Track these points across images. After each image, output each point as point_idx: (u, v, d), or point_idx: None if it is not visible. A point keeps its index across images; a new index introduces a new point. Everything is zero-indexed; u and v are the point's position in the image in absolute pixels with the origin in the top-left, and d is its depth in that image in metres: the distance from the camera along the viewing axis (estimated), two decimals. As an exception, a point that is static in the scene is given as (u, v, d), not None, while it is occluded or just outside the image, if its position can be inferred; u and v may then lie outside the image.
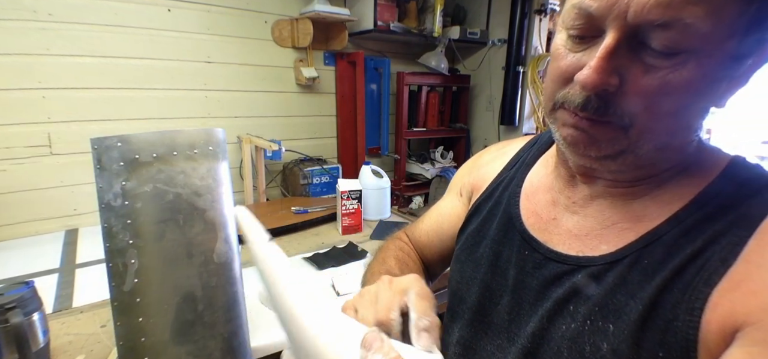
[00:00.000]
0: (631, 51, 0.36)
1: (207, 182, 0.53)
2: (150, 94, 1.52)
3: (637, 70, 0.36)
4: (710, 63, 0.34)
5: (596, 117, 0.39)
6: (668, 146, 0.41)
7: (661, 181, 0.43)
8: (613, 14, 0.35)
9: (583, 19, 0.37)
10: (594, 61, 0.36)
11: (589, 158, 0.42)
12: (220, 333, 0.54)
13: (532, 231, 0.50)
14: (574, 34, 0.39)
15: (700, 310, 0.35)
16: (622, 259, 0.41)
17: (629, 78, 0.36)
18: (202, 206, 0.52)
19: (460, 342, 0.55)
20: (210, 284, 0.53)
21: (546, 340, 0.44)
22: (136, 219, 0.49)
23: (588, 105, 0.38)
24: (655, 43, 0.34)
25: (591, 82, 0.36)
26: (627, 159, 0.41)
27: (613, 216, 0.45)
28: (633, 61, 0.36)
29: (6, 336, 0.64)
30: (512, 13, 1.86)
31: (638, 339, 0.37)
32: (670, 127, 0.38)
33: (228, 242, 0.55)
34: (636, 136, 0.38)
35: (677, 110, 0.37)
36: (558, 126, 0.43)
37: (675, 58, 0.34)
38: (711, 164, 0.42)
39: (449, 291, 0.60)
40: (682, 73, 0.34)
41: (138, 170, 0.49)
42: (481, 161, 0.67)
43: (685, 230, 0.39)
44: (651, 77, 0.35)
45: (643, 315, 0.37)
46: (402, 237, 0.74)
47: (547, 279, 0.46)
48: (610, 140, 0.40)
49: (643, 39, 0.35)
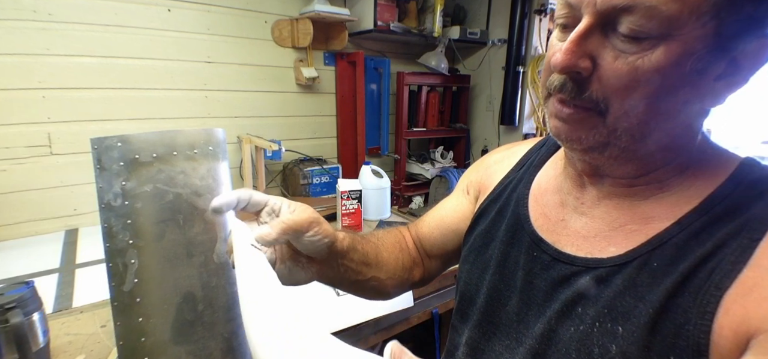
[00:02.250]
0: (603, 36, 0.37)
1: (207, 182, 0.53)
2: (150, 94, 1.52)
3: (608, 55, 0.37)
4: (681, 50, 0.35)
5: (572, 101, 0.40)
6: (651, 140, 0.40)
7: (665, 179, 0.43)
8: (586, 1, 0.37)
9: (567, 8, 0.40)
10: (565, 44, 0.38)
11: (575, 149, 0.44)
12: (220, 333, 0.54)
13: (540, 232, 0.50)
14: (561, 23, 0.41)
15: (712, 314, 0.34)
16: (631, 261, 0.41)
17: (602, 63, 0.38)
18: (202, 206, 0.52)
19: (469, 344, 0.55)
20: (210, 284, 0.53)
21: (554, 341, 0.44)
22: (136, 219, 0.49)
23: (564, 87, 0.40)
24: (623, 28, 0.36)
25: (560, 63, 0.38)
26: (613, 152, 0.41)
27: (620, 218, 0.44)
28: (605, 46, 0.38)
29: (6, 336, 0.64)
30: (512, 13, 1.86)
31: (648, 343, 0.37)
32: (646, 115, 0.38)
33: (228, 242, 0.55)
34: (613, 122, 0.39)
35: (650, 96, 0.37)
36: (549, 117, 0.44)
37: (643, 43, 0.35)
38: (720, 166, 0.42)
39: (458, 293, 0.60)
40: (651, 58, 0.35)
41: (138, 170, 0.48)
42: (489, 161, 0.67)
43: (693, 232, 0.39)
44: (621, 62, 0.37)
45: (653, 319, 0.37)
46: (402, 228, 0.74)
47: (555, 280, 0.46)
48: (590, 128, 0.41)
49: (615, 25, 0.36)
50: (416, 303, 1.14)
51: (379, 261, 0.62)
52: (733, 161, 0.42)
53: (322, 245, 0.51)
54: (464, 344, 0.55)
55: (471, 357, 0.54)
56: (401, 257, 0.67)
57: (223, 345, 0.55)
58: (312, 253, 0.53)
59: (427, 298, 1.17)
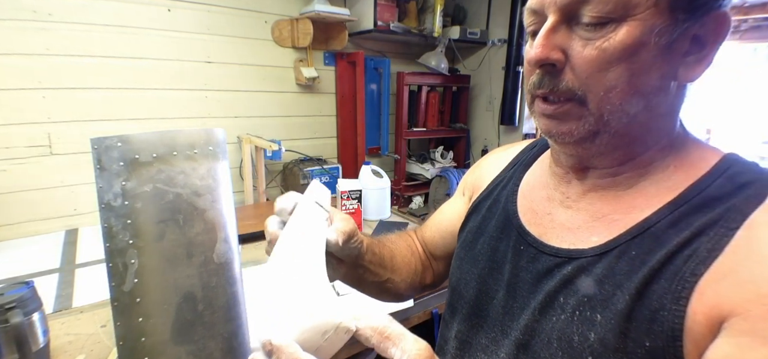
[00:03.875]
0: (570, 30, 0.41)
1: (207, 182, 0.53)
2: (150, 94, 1.52)
3: (577, 45, 0.40)
4: (642, 27, 0.37)
5: (552, 95, 0.42)
6: (637, 121, 0.42)
7: (647, 165, 0.44)
8: (547, 3, 0.41)
9: (533, 16, 0.43)
10: (536, 40, 0.41)
11: (568, 144, 0.45)
12: (220, 333, 0.54)
13: (527, 227, 0.52)
14: (531, 31, 0.44)
15: (686, 300, 0.35)
16: (611, 250, 0.42)
17: (572, 53, 0.40)
18: (202, 206, 0.52)
19: (458, 337, 0.56)
20: (210, 284, 0.53)
21: (538, 332, 0.44)
22: (136, 219, 0.49)
23: (542, 82, 0.43)
24: (585, 18, 0.39)
25: (533, 57, 0.41)
26: (603, 139, 0.43)
27: (604, 208, 0.45)
28: (573, 38, 0.40)
29: (6, 336, 0.64)
30: (512, 13, 1.86)
31: (625, 329, 0.38)
32: (626, 93, 0.40)
33: (228, 242, 0.55)
34: (596, 108, 0.41)
35: (624, 75, 0.39)
36: (538, 118, 0.46)
37: (606, 27, 0.38)
38: (702, 159, 0.43)
39: (449, 288, 0.61)
40: (616, 39, 0.38)
41: (138, 170, 0.48)
42: (484, 163, 0.70)
43: (673, 221, 0.40)
44: (589, 48, 0.39)
45: (630, 305, 0.38)
46: (411, 233, 0.77)
47: (540, 273, 0.47)
48: (577, 119, 0.42)
49: (579, 18, 0.39)
50: (416, 303, 1.14)
51: (394, 265, 0.65)
52: (716, 154, 0.43)
53: (355, 250, 0.55)
54: (454, 338, 0.57)
55: (459, 350, 0.55)
56: (413, 260, 0.70)
57: (223, 345, 0.55)
58: (344, 257, 0.55)
59: (427, 298, 1.17)
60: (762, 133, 2.04)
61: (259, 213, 1.55)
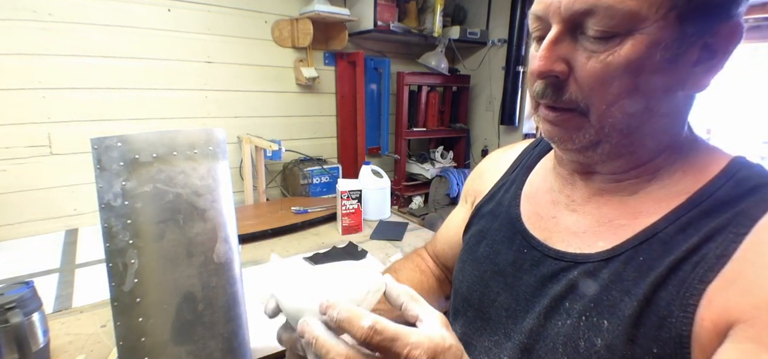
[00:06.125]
0: (574, 41, 0.40)
1: (207, 182, 0.53)
2: (150, 94, 1.52)
3: (581, 57, 0.39)
4: (648, 42, 0.36)
5: (555, 104, 0.42)
6: (641, 131, 0.41)
7: (655, 172, 0.43)
8: (551, 11, 0.40)
9: (537, 21, 0.42)
10: (540, 51, 0.41)
11: (569, 150, 0.45)
12: (220, 333, 0.54)
13: (532, 230, 0.51)
14: (536, 36, 0.44)
15: (694, 306, 0.35)
16: (618, 255, 0.42)
17: (576, 65, 0.40)
18: (202, 206, 0.52)
19: (461, 340, 0.55)
20: (210, 284, 0.53)
21: (542, 337, 0.44)
22: (136, 219, 0.49)
23: (545, 92, 0.42)
24: (590, 31, 0.38)
25: (538, 68, 0.41)
26: (605, 148, 0.42)
27: (610, 213, 0.45)
28: (577, 49, 0.40)
29: (6, 336, 0.64)
30: (512, 13, 1.86)
31: (632, 335, 0.37)
32: (630, 108, 0.39)
33: (228, 242, 0.55)
34: (597, 121, 0.40)
35: (628, 89, 0.38)
36: (541, 122, 0.46)
37: (611, 41, 0.37)
38: (711, 163, 0.42)
39: (452, 291, 0.61)
40: (620, 54, 0.37)
41: (138, 170, 0.48)
42: (484, 166, 0.69)
43: (681, 226, 0.39)
44: (594, 62, 0.38)
45: (638, 312, 0.38)
46: (421, 252, 0.77)
47: (545, 276, 0.47)
48: (577, 129, 0.42)
49: (583, 29, 0.38)
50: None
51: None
52: (724, 158, 0.42)
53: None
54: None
55: None
56: (424, 278, 0.70)
57: (223, 345, 0.55)
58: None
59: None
60: (762, 133, 2.04)
61: (259, 213, 1.55)
